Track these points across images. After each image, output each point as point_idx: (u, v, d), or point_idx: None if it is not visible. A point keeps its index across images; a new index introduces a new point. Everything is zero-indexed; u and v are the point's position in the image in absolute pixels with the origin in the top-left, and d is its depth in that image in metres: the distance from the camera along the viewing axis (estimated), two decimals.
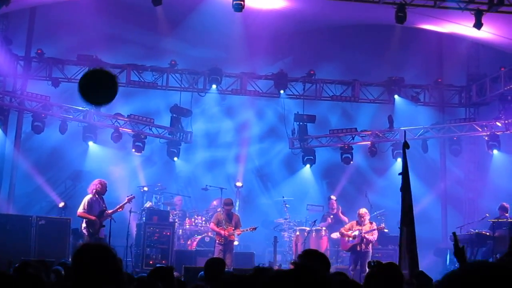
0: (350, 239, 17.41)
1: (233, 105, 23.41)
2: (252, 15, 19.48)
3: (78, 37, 20.86)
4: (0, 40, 19.61)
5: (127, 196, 16.31)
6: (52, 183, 21.83)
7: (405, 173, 10.69)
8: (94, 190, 15.65)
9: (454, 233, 6.33)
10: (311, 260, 6.26)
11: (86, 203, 15.52)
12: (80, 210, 15.59)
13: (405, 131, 19.48)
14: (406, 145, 10.91)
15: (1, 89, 20.43)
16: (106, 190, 15.87)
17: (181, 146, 22.05)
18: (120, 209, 15.91)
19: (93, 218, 15.39)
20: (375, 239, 17.48)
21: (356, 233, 17.30)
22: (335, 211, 20.61)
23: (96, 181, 15.88)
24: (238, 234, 17.65)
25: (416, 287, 7.48)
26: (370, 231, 17.16)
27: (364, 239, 17.08)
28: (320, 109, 23.07)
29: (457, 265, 6.00)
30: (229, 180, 22.74)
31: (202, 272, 8.91)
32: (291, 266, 16.58)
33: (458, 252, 6.12)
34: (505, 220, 17.82)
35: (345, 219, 19.75)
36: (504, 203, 18.73)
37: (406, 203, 10.51)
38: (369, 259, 16.79)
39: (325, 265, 6.39)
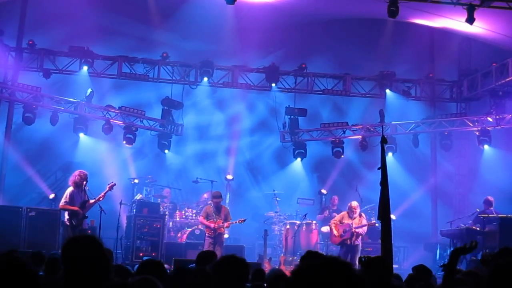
0: (337, 234, 17.45)
1: (224, 98, 23.38)
2: (244, 8, 19.44)
3: (70, 29, 20.75)
4: None
5: (108, 184, 16.11)
6: (43, 174, 21.77)
7: (383, 168, 10.70)
8: (74, 182, 15.54)
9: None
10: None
11: (67, 195, 15.45)
12: (62, 202, 15.56)
13: (382, 127, 19.66)
14: (384, 140, 10.98)
15: None
16: (87, 181, 15.64)
17: (172, 138, 21.99)
18: (101, 198, 15.68)
19: (76, 208, 15.31)
20: (365, 231, 17.56)
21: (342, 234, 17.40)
22: (335, 207, 20.67)
23: (76, 172, 15.75)
24: (227, 227, 17.59)
25: None
26: (360, 227, 17.21)
27: (355, 233, 17.14)
28: (311, 102, 23.05)
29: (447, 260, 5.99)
30: (220, 173, 22.74)
31: (193, 264, 8.93)
32: (282, 259, 16.56)
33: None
34: (495, 215, 17.78)
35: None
36: (489, 197, 18.71)
37: (383, 198, 10.52)
38: (359, 252, 16.92)
39: None
